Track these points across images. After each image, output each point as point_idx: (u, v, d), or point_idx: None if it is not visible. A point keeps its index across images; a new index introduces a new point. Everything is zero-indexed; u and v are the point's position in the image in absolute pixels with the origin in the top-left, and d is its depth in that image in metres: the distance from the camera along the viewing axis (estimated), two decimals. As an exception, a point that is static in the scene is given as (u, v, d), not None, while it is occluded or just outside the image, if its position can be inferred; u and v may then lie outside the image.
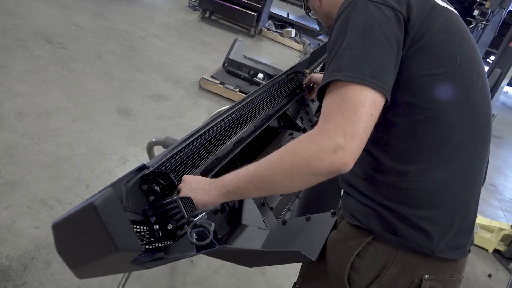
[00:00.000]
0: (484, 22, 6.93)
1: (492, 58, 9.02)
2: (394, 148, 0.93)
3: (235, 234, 1.21)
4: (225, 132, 1.32)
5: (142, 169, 0.99)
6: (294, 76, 1.92)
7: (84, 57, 4.04)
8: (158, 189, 0.98)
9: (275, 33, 7.37)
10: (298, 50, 7.13)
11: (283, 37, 7.35)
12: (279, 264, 1.11)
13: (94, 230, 0.70)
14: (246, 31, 6.95)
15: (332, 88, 0.84)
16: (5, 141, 2.56)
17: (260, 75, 4.46)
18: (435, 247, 0.92)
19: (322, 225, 1.10)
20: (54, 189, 2.34)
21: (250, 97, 1.56)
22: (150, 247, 0.91)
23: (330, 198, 1.45)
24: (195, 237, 0.86)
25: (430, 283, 0.94)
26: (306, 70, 2.03)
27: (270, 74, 4.35)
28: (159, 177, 1.00)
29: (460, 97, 0.92)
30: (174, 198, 0.93)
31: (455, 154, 0.91)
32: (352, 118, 0.79)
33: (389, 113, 0.91)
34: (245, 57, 4.77)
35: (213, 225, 0.88)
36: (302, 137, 0.85)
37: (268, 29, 7.40)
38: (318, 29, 8.06)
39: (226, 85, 4.27)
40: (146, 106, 3.59)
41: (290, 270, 2.36)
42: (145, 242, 0.90)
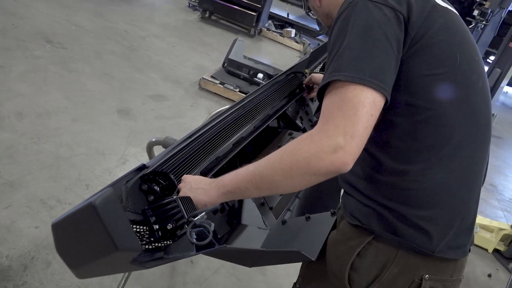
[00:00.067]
0: (484, 22, 6.93)
1: (492, 58, 9.01)
2: (394, 148, 0.93)
3: (235, 234, 1.21)
4: (224, 132, 1.32)
5: (142, 169, 0.99)
6: (294, 76, 1.92)
7: (84, 57, 4.04)
8: (158, 189, 0.98)
9: (275, 33, 7.37)
10: (298, 50, 7.13)
11: (283, 37, 7.34)
12: (279, 264, 1.11)
13: (93, 230, 0.70)
14: (246, 31, 6.95)
15: (332, 88, 0.84)
16: (5, 141, 2.56)
17: (260, 75, 4.46)
18: (435, 247, 0.92)
19: (322, 225, 1.10)
20: (54, 189, 2.34)
21: (250, 97, 1.56)
22: (150, 247, 0.91)
23: (330, 198, 1.45)
24: (195, 237, 0.86)
25: (430, 283, 0.94)
26: (306, 70, 2.03)
27: (270, 74, 4.35)
28: (159, 177, 1.00)
29: (460, 97, 0.92)
30: (174, 198, 0.93)
31: (455, 154, 0.91)
32: (352, 118, 0.79)
33: (389, 113, 0.91)
34: (245, 57, 4.77)
35: (212, 225, 0.88)
36: (302, 137, 0.85)
37: (268, 29, 7.39)
38: (318, 29, 8.05)
39: (226, 85, 4.27)
40: (146, 106, 3.59)
41: (290, 270, 2.36)
42: (144, 242, 0.90)
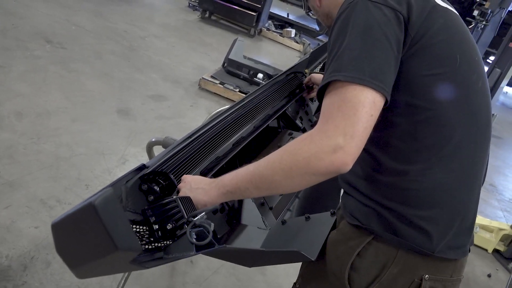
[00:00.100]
0: (483, 22, 6.92)
1: (491, 58, 9.01)
2: (394, 148, 0.93)
3: (235, 234, 1.21)
4: (224, 132, 1.32)
5: (142, 169, 0.99)
6: (294, 76, 1.92)
7: (84, 57, 4.04)
8: (158, 189, 0.98)
9: (275, 33, 7.37)
10: (298, 50, 7.13)
11: (283, 37, 7.35)
12: (279, 264, 1.11)
13: (93, 230, 0.70)
14: (246, 31, 6.95)
15: (332, 88, 0.84)
16: (4, 141, 2.56)
17: (260, 75, 4.46)
18: (435, 247, 0.92)
19: (322, 225, 1.09)
20: (53, 189, 2.34)
21: (249, 97, 1.56)
22: (150, 247, 0.91)
23: (330, 198, 1.45)
24: (195, 237, 0.86)
25: (430, 283, 0.94)
26: (306, 70, 2.03)
27: (269, 74, 4.35)
28: (159, 177, 1.00)
29: (460, 97, 0.92)
30: (174, 198, 0.93)
31: (455, 154, 0.91)
32: (351, 118, 0.79)
33: (389, 113, 0.91)
34: (245, 57, 4.77)
35: (212, 225, 0.88)
36: (301, 137, 0.85)
37: (268, 29, 7.40)
38: (318, 29, 8.06)
39: (226, 85, 4.27)
40: (146, 106, 3.59)
41: (290, 270, 2.36)
42: (144, 242, 0.90)
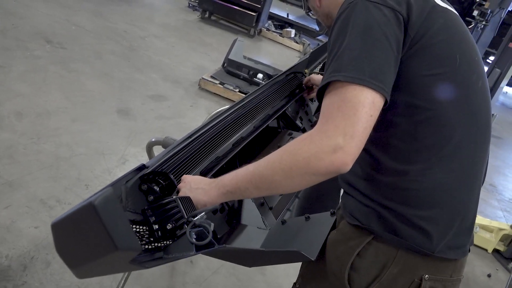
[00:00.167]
0: (483, 23, 6.92)
1: (491, 58, 9.01)
2: (394, 148, 0.93)
3: (235, 234, 1.21)
4: (224, 132, 1.32)
5: (142, 169, 0.99)
6: (294, 76, 1.92)
7: (83, 57, 4.04)
8: (158, 189, 0.98)
9: (275, 33, 7.37)
10: (298, 51, 7.13)
11: (283, 37, 7.35)
12: (279, 263, 1.11)
13: (93, 230, 0.70)
14: (245, 31, 6.95)
15: (332, 88, 0.84)
16: (4, 141, 2.56)
17: (259, 75, 4.46)
18: (435, 247, 0.92)
19: (321, 224, 1.09)
20: (53, 189, 2.34)
21: (249, 97, 1.56)
22: (150, 247, 0.91)
23: (330, 198, 1.45)
24: (195, 236, 0.86)
25: (430, 283, 0.94)
26: (306, 70, 2.03)
27: (269, 74, 4.35)
28: (159, 177, 1.00)
29: (460, 97, 0.92)
30: (174, 198, 0.93)
31: (455, 154, 0.91)
32: (351, 118, 0.79)
33: (389, 113, 0.91)
34: (244, 57, 4.77)
35: (212, 225, 0.88)
36: (301, 137, 0.85)
37: (267, 29, 7.40)
38: (317, 29, 8.06)
39: (225, 85, 4.27)
40: (146, 106, 3.59)
41: (290, 270, 2.36)
42: (144, 242, 0.90)
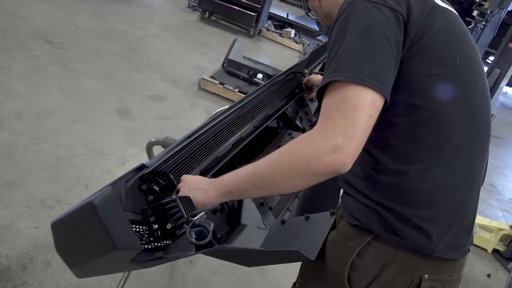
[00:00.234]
0: (483, 23, 6.93)
1: (491, 58, 9.03)
2: (394, 148, 0.93)
3: (234, 234, 1.21)
4: (224, 132, 1.32)
5: (141, 168, 0.99)
6: (294, 76, 1.92)
7: (83, 57, 4.04)
8: (157, 188, 0.98)
9: (275, 33, 7.38)
10: (298, 51, 7.13)
11: (283, 37, 7.35)
12: (278, 263, 1.11)
13: (93, 229, 0.70)
14: (245, 32, 6.95)
15: (331, 88, 0.84)
16: (4, 141, 2.55)
17: (259, 76, 4.46)
18: (435, 247, 0.92)
19: (321, 224, 1.09)
20: (53, 189, 2.34)
21: (249, 97, 1.56)
22: (149, 247, 0.91)
23: (329, 198, 1.45)
24: (194, 236, 0.86)
25: (429, 283, 0.94)
26: (305, 70, 2.03)
27: (269, 74, 4.35)
28: (158, 176, 1.00)
29: (460, 97, 0.92)
30: (173, 197, 0.93)
31: (455, 154, 0.91)
32: (351, 118, 0.79)
33: (389, 113, 0.91)
34: (244, 57, 4.77)
35: (212, 224, 0.88)
36: (301, 137, 0.85)
37: (267, 29, 7.40)
38: (317, 29, 8.06)
39: (225, 85, 4.27)
40: (145, 106, 3.59)
41: (289, 270, 2.36)
42: (144, 242, 0.90)
